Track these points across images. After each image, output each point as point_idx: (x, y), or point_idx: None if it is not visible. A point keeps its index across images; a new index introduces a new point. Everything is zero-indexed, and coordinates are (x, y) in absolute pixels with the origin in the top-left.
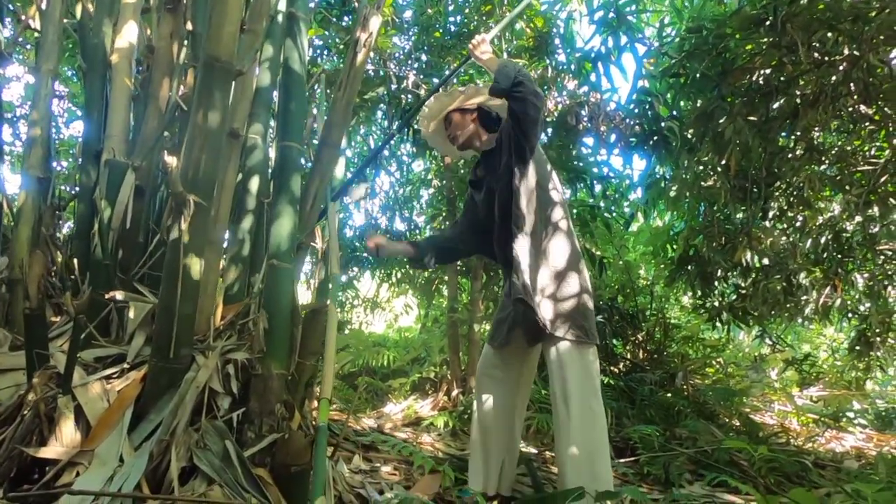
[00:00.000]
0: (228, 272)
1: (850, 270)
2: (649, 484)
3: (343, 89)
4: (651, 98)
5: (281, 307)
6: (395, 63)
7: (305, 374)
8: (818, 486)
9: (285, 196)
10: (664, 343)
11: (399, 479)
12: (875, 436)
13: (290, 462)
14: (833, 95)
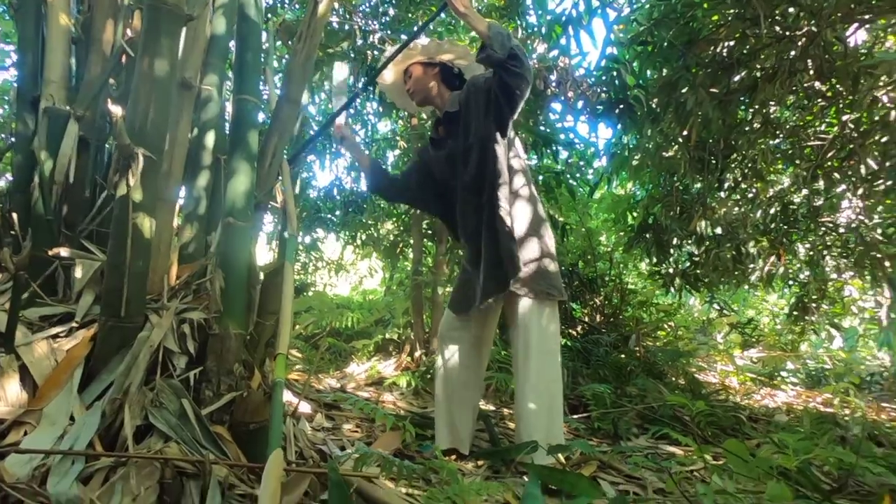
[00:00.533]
0: (184, 231)
1: (794, 241)
2: (599, 438)
3: (303, 41)
4: (619, 66)
5: (238, 267)
6: (362, 17)
7: (265, 334)
8: (750, 437)
9: (241, 152)
10: (620, 307)
11: (361, 436)
12: (804, 393)
13: (249, 419)
14: (790, 71)
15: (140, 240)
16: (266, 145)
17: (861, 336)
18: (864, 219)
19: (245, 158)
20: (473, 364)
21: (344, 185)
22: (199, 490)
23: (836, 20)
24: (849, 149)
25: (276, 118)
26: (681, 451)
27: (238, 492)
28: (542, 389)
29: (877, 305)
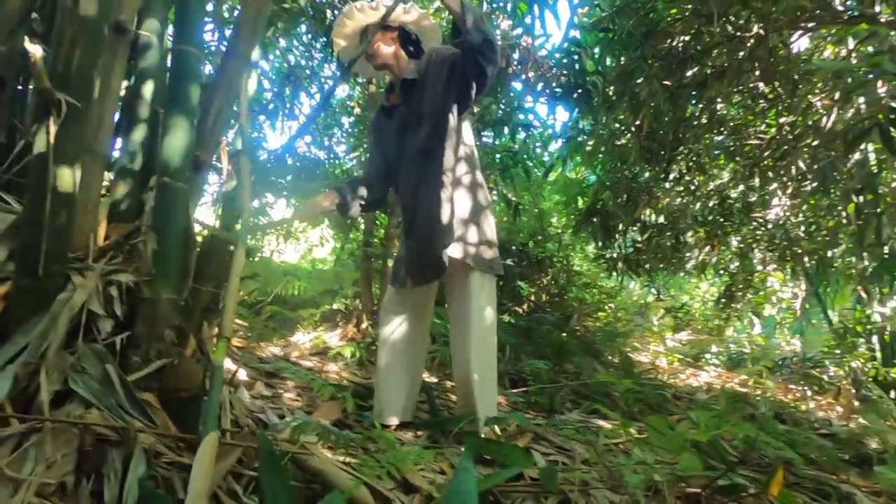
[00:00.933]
0: (116, 187)
1: (728, 233)
2: (535, 411)
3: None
4: (580, 50)
5: (172, 229)
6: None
7: (202, 301)
8: (672, 413)
9: (179, 107)
10: (566, 288)
11: (301, 406)
12: (724, 374)
13: (181, 387)
14: (738, 70)
15: (61, 193)
16: (210, 102)
17: (778, 324)
18: (790, 216)
19: (183, 114)
20: (415, 336)
21: (297, 149)
22: (122, 458)
23: (783, 25)
24: (783, 150)
25: (222, 73)
26: (609, 425)
27: (165, 460)
28: (482, 363)
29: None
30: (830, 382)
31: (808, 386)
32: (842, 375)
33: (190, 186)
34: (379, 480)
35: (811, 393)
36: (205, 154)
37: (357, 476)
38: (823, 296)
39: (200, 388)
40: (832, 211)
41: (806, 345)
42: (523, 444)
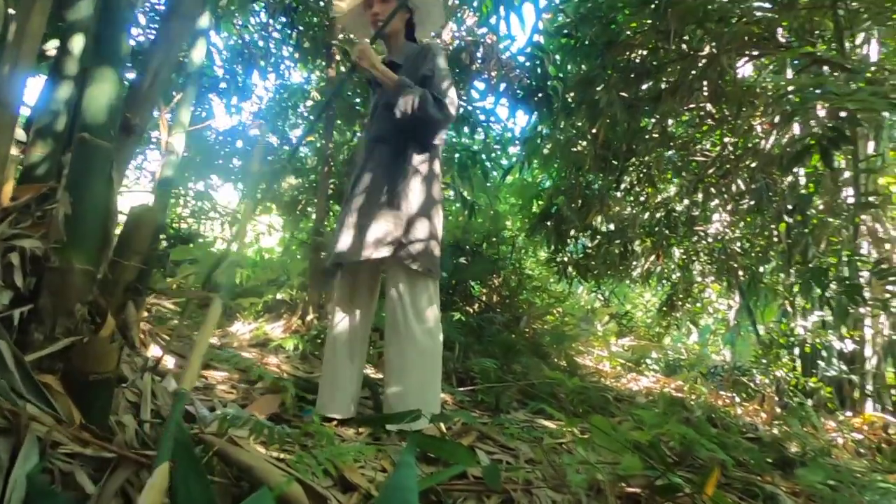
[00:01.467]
0: (33, 147)
1: (671, 244)
2: (482, 410)
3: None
4: (542, 55)
5: (91, 192)
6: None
7: (125, 276)
8: (614, 415)
9: (106, 57)
10: (517, 290)
11: (236, 398)
12: (662, 379)
13: (89, 369)
14: (690, 88)
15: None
16: (147, 64)
17: (712, 333)
18: (728, 232)
19: (110, 64)
20: (360, 329)
21: (249, 132)
22: (9, 448)
23: (732, 48)
24: (725, 168)
25: (163, 32)
26: (554, 425)
27: (64, 450)
28: (424, 360)
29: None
30: (756, 390)
31: (736, 392)
32: (766, 384)
33: (116, 147)
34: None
35: (739, 399)
36: (137, 117)
37: (290, 473)
38: (753, 309)
39: (113, 372)
40: (765, 229)
41: (736, 354)
42: (468, 442)
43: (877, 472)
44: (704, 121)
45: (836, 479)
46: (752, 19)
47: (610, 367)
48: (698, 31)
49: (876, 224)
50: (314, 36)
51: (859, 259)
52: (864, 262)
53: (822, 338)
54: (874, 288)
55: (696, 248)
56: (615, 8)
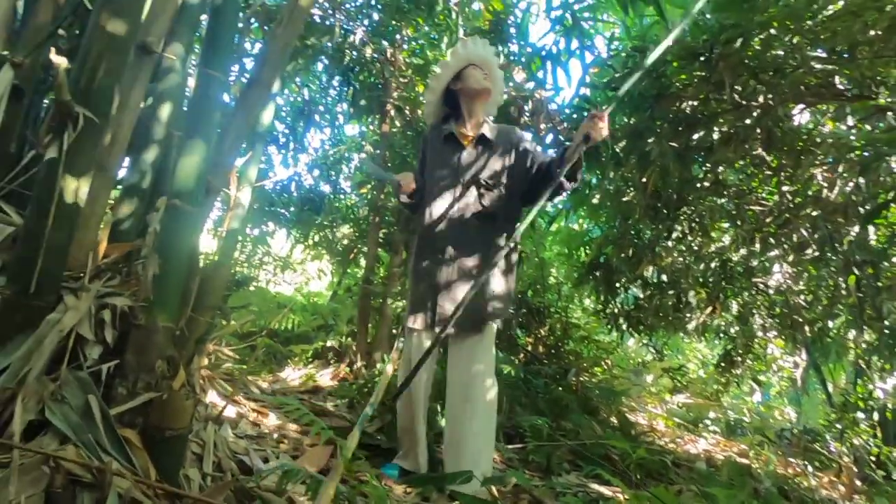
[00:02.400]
0: (121, 206)
1: (728, 296)
2: (532, 470)
3: (283, 27)
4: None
5: (178, 253)
6: (345, 15)
7: (197, 330)
8: (674, 482)
9: (200, 130)
10: (563, 340)
11: (287, 449)
12: (722, 441)
13: (166, 425)
14: (743, 137)
15: (65, 207)
16: (228, 127)
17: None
18: (791, 284)
19: (202, 137)
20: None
21: (303, 181)
22: (93, 501)
23: (788, 98)
24: (785, 217)
25: (244, 99)
26: (609, 492)
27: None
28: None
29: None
30: (831, 458)
31: (808, 461)
32: (843, 452)
33: (199, 211)
34: None
35: (812, 469)
36: (216, 179)
37: None
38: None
39: (187, 427)
40: (833, 281)
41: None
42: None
43: None
44: (760, 169)
45: None
46: (809, 70)
47: (665, 426)
48: (751, 82)
49: None
50: (369, 95)
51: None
52: None
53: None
54: None
55: (755, 301)
56: (663, 62)
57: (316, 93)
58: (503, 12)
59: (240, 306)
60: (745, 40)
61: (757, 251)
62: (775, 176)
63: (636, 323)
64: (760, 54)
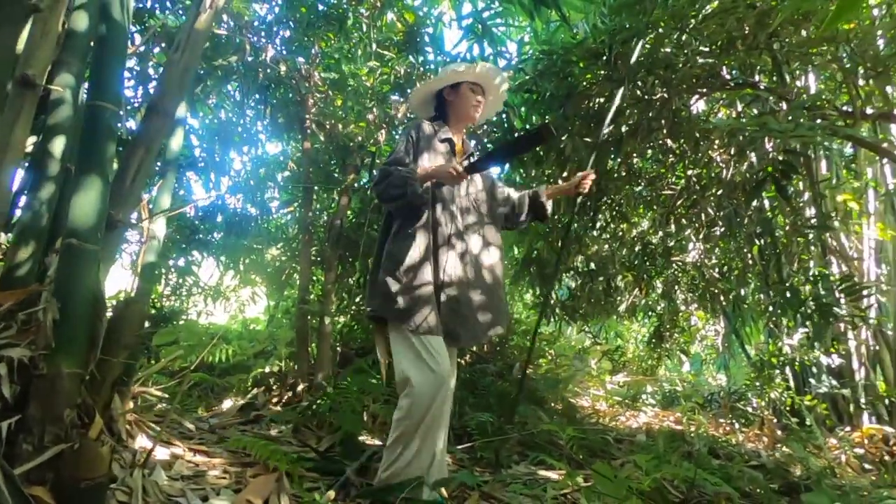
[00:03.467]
0: (16, 251)
1: (652, 276)
2: (482, 467)
3: (181, 52)
4: (508, 109)
5: (79, 295)
6: (254, 33)
7: (112, 372)
8: (616, 458)
9: (93, 164)
10: (507, 336)
11: (229, 483)
12: (660, 413)
13: (82, 476)
14: (648, 129)
15: None
16: (129, 160)
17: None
18: (705, 259)
19: (97, 172)
20: None
21: (227, 205)
22: None
23: (682, 90)
24: (693, 199)
25: (145, 130)
26: (556, 476)
27: None
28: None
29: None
30: (755, 414)
31: (735, 419)
32: (764, 406)
33: (101, 248)
34: None
35: (739, 425)
36: (121, 213)
37: None
38: (740, 332)
39: (106, 475)
40: (740, 253)
41: (730, 379)
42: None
43: (882, 487)
44: (667, 156)
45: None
46: (695, 63)
47: (607, 406)
48: (649, 77)
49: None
50: (287, 112)
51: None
52: (834, 278)
53: (809, 355)
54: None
55: (676, 278)
56: (570, 62)
57: (232, 113)
58: (416, 23)
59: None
60: (638, 40)
61: (672, 232)
62: (681, 162)
63: (572, 312)
64: (652, 52)
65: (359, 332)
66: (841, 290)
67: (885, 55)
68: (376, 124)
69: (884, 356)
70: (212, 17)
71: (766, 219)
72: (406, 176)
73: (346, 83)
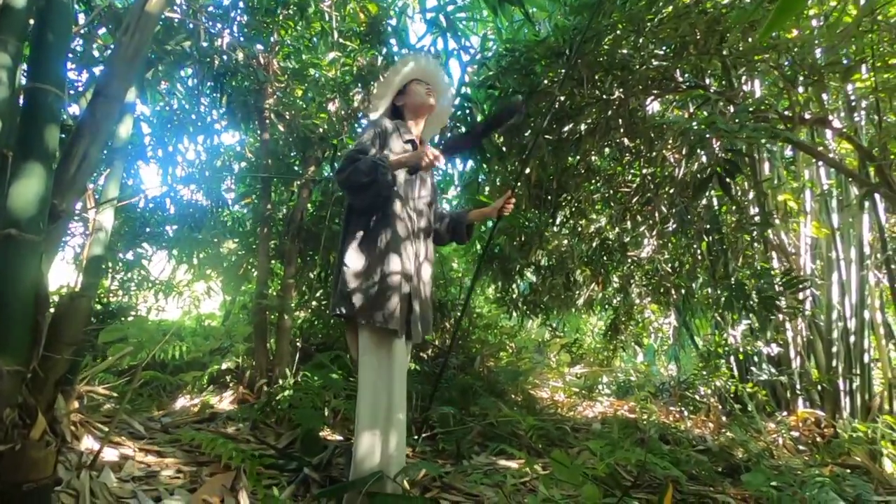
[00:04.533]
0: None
1: (609, 271)
2: (444, 458)
3: (129, 34)
4: (471, 104)
5: (19, 289)
6: (208, 17)
7: (55, 371)
8: (573, 446)
9: (34, 150)
10: (468, 330)
11: (184, 482)
12: (615, 403)
13: (23, 478)
14: (606, 127)
15: None
16: (73, 146)
17: (656, 352)
18: (658, 255)
19: (37, 159)
20: None
21: (180, 196)
22: None
23: (638, 91)
24: (647, 196)
25: (90, 114)
26: (516, 465)
27: None
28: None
29: (668, 326)
30: (702, 401)
31: (684, 407)
32: (710, 394)
33: (44, 239)
34: None
35: (687, 413)
36: (65, 203)
37: None
38: (690, 324)
39: (50, 477)
40: (690, 249)
41: (681, 369)
42: (432, 494)
43: (814, 466)
44: (623, 154)
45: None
46: (650, 65)
47: (565, 397)
48: (607, 77)
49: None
50: (245, 101)
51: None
52: (775, 273)
53: (751, 345)
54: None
55: (631, 272)
56: (533, 60)
57: (185, 101)
58: (379, 15)
59: (114, 340)
60: (597, 40)
61: (628, 228)
62: (637, 160)
63: (534, 306)
64: (610, 53)
65: (319, 328)
66: (782, 283)
67: (821, 64)
68: (338, 116)
69: (817, 345)
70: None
71: (714, 216)
72: (376, 162)
73: (307, 73)
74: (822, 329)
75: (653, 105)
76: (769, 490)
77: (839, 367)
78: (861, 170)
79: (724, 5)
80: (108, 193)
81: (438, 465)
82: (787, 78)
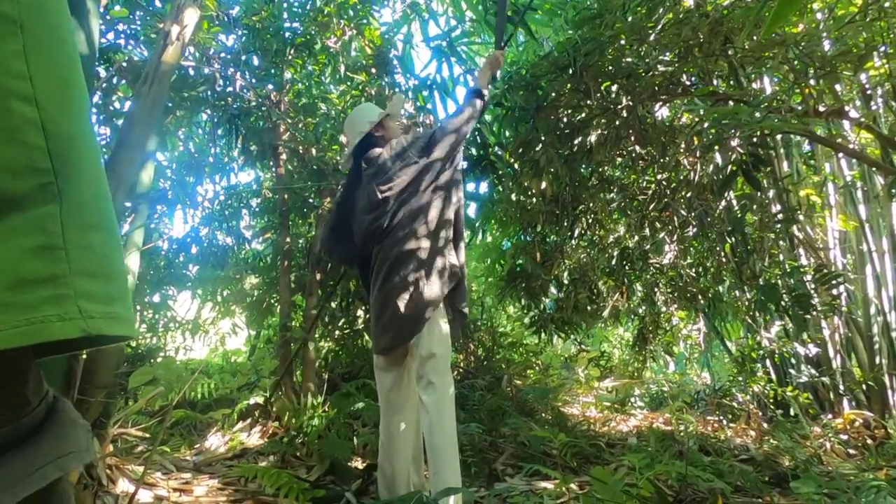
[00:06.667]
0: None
1: (632, 280)
2: (475, 480)
3: (148, 85)
4: (479, 125)
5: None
6: (222, 63)
7: (90, 414)
8: (609, 462)
9: None
10: (493, 350)
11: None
12: (649, 415)
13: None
14: (617, 137)
15: None
16: None
17: (687, 360)
18: (680, 260)
19: None
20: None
21: (202, 237)
22: None
23: (645, 98)
24: (664, 202)
25: (113, 164)
26: (552, 485)
27: None
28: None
29: (698, 332)
30: (740, 408)
31: (722, 415)
32: (748, 400)
33: None
34: None
35: (726, 421)
36: None
37: None
38: (720, 329)
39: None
40: (713, 252)
41: (714, 376)
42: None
43: (867, 471)
44: (636, 162)
45: (830, 487)
46: (656, 72)
47: (597, 412)
48: (613, 87)
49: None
50: (259, 140)
51: (800, 268)
52: (805, 270)
53: (787, 346)
54: (821, 293)
55: (654, 280)
56: (538, 76)
57: (203, 144)
58: (383, 46)
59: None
60: (601, 51)
61: (647, 235)
62: (650, 167)
63: (561, 323)
64: (614, 62)
65: (344, 357)
66: (814, 279)
67: (832, 55)
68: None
69: (857, 342)
70: (178, 51)
71: (735, 216)
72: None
73: (317, 107)
74: (860, 325)
75: (661, 111)
76: (822, 498)
77: (883, 363)
78: (885, 158)
79: (725, 7)
80: (133, 239)
81: (473, 490)
82: (797, 72)
